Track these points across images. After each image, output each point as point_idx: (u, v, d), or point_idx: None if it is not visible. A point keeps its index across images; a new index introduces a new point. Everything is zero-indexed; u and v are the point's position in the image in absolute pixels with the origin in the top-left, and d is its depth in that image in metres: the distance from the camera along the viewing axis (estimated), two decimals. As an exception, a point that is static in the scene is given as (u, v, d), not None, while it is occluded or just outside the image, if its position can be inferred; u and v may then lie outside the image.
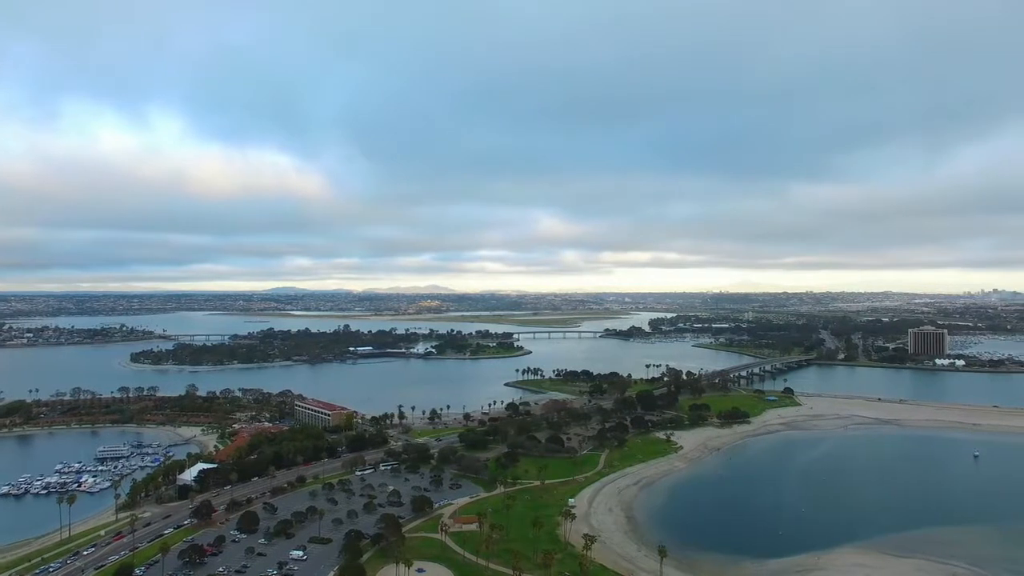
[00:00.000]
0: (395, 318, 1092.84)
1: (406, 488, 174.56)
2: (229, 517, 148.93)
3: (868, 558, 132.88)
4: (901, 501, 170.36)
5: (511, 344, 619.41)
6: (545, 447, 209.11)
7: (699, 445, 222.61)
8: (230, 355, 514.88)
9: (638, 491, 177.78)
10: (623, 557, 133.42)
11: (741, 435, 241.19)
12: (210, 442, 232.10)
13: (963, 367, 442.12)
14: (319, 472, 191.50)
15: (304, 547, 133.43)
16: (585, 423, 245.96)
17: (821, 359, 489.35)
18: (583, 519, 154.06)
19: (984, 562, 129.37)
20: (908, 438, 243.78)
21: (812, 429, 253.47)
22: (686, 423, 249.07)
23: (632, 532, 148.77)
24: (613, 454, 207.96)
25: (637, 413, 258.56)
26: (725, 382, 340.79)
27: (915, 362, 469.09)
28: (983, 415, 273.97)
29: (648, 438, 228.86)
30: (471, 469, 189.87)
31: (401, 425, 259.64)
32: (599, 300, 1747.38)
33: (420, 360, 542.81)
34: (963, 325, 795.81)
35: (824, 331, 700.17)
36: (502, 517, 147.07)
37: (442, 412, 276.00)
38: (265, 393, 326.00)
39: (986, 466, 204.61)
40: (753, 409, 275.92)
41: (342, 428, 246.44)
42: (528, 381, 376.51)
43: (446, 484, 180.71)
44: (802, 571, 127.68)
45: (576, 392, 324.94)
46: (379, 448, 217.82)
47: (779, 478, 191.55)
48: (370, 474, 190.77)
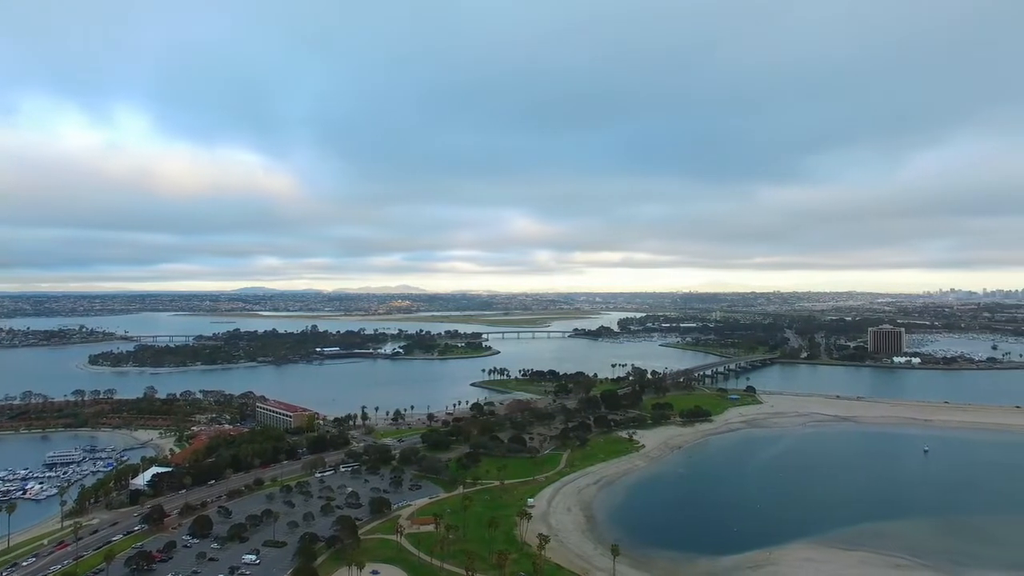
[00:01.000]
0: (365, 318, 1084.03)
1: (365, 489, 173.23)
2: (182, 522, 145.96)
3: (818, 552, 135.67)
4: (853, 496, 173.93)
5: (480, 344, 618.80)
6: (507, 447, 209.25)
7: (661, 444, 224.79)
8: (193, 356, 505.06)
9: (598, 490, 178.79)
10: (579, 556, 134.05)
11: (703, 433, 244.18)
12: (167, 445, 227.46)
13: (919, 364, 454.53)
14: (278, 474, 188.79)
15: (257, 551, 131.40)
16: (549, 423, 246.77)
17: (785, 358, 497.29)
18: (542, 519, 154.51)
19: (925, 553, 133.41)
20: (863, 434, 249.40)
21: (772, 427, 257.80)
22: (649, 422, 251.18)
23: (590, 531, 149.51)
24: (575, 453, 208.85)
25: (601, 412, 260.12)
26: (689, 381, 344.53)
27: (874, 360, 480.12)
28: (934, 411, 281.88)
29: (610, 437, 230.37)
30: (432, 470, 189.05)
31: (364, 426, 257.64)
32: (570, 300, 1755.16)
33: (387, 360, 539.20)
34: (921, 324, 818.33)
35: (789, 330, 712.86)
36: (460, 518, 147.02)
37: (406, 413, 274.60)
38: (227, 395, 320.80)
39: (935, 460, 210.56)
40: (715, 408, 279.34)
41: (304, 430, 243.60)
42: (494, 381, 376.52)
43: (406, 485, 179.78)
44: (754, 567, 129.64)
45: (542, 392, 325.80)
46: (340, 449, 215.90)
47: (737, 475, 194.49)
48: (330, 476, 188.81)
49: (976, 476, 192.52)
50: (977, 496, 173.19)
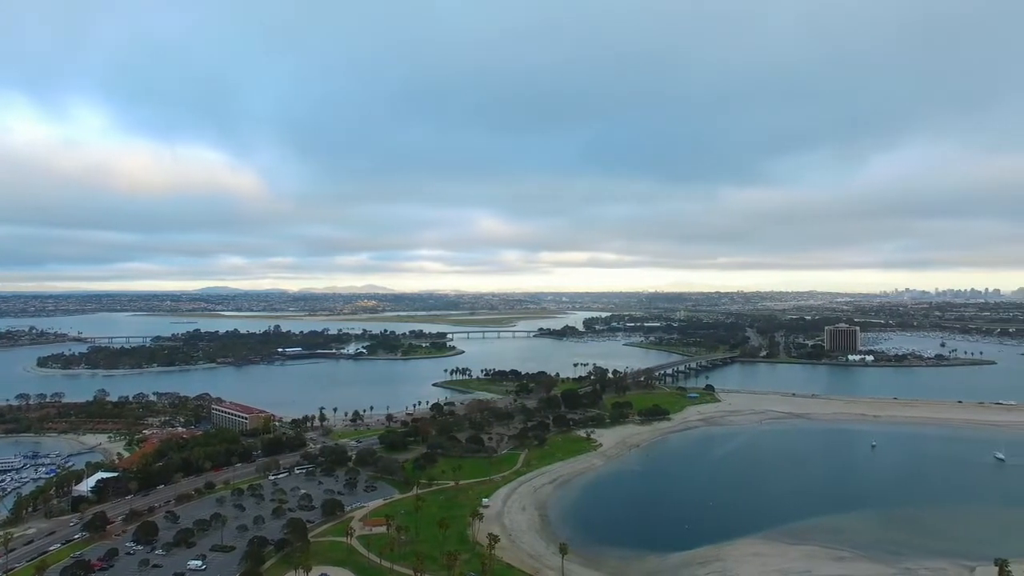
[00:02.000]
0: (329, 318, 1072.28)
1: (319, 491, 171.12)
2: (126, 529, 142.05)
3: (765, 547, 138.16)
4: (802, 491, 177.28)
5: (444, 344, 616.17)
6: (465, 447, 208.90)
7: (618, 442, 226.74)
8: (150, 358, 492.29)
9: (554, 489, 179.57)
10: (531, 555, 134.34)
11: (661, 432, 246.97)
12: (116, 450, 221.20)
13: (872, 362, 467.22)
14: (231, 477, 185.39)
15: (204, 556, 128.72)
16: (508, 423, 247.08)
17: (745, 356, 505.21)
18: (496, 518, 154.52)
19: (867, 545, 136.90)
20: (816, 431, 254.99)
21: (728, 424, 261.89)
22: (607, 421, 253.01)
23: (543, 530, 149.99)
24: (532, 453, 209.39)
25: (560, 412, 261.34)
26: (650, 380, 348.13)
27: (830, 358, 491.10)
28: (883, 407, 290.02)
29: (569, 436, 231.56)
30: (387, 471, 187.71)
31: (322, 427, 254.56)
32: (537, 300, 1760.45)
33: (350, 361, 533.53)
34: (877, 322, 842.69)
35: (750, 329, 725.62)
36: (413, 519, 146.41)
37: (365, 413, 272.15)
38: (182, 397, 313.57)
39: (881, 455, 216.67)
40: (674, 406, 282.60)
41: (260, 431, 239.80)
42: (456, 381, 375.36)
43: (361, 486, 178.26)
44: (702, 563, 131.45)
45: (503, 391, 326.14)
46: (297, 451, 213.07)
47: (692, 473, 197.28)
48: (284, 478, 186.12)
49: (918, 469, 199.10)
50: (918, 488, 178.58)
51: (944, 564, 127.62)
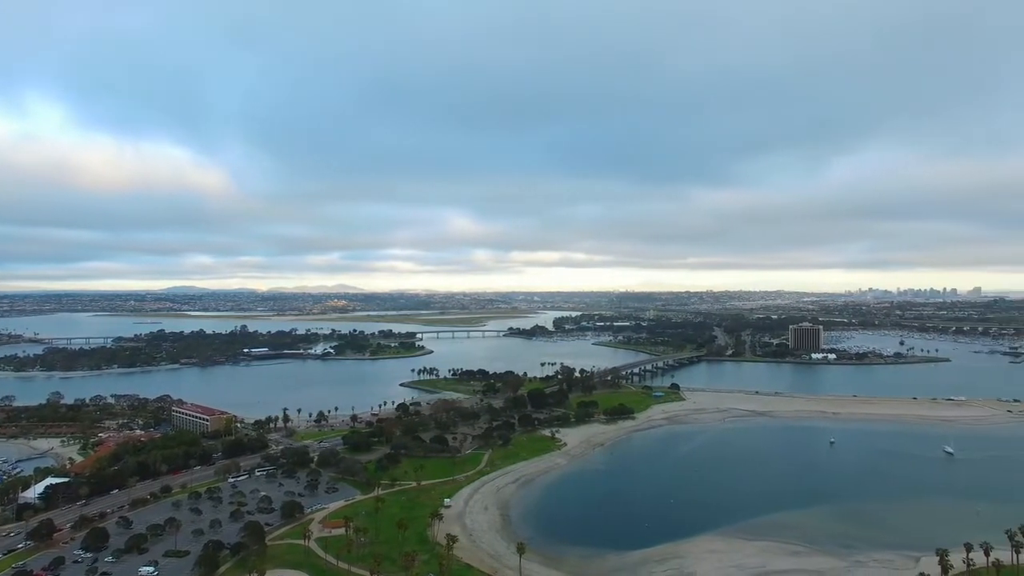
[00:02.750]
0: (299, 318, 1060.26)
1: (279, 493, 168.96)
2: (75, 536, 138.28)
3: (722, 544, 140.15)
4: (761, 488, 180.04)
5: (413, 344, 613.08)
6: (429, 447, 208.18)
7: (583, 442, 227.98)
8: (110, 359, 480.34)
9: (516, 489, 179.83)
10: (491, 555, 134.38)
11: (625, 430, 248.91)
12: (69, 454, 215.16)
13: (834, 360, 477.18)
14: (189, 480, 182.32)
15: (156, 562, 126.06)
16: (474, 422, 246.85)
17: (711, 355, 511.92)
18: (457, 519, 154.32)
19: (820, 540, 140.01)
20: (777, 428, 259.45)
21: (692, 423, 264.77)
22: (572, 420, 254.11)
23: (504, 530, 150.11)
24: (497, 453, 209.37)
25: (526, 411, 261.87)
26: (617, 379, 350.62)
27: (794, 356, 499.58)
28: (843, 404, 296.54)
29: (534, 436, 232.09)
30: (350, 472, 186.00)
31: (285, 428, 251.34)
32: (508, 299, 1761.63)
33: (318, 361, 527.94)
34: (840, 321, 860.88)
35: (718, 329, 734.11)
36: (374, 520, 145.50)
37: (330, 414, 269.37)
38: (141, 399, 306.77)
39: (839, 451, 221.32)
40: (639, 405, 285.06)
41: (221, 433, 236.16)
42: (423, 381, 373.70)
43: (322, 488, 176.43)
44: (661, 560, 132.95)
45: (470, 391, 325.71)
46: (258, 453, 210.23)
47: (654, 471, 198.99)
48: (244, 480, 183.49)
49: (873, 464, 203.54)
50: (872, 483, 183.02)
51: (891, 556, 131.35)
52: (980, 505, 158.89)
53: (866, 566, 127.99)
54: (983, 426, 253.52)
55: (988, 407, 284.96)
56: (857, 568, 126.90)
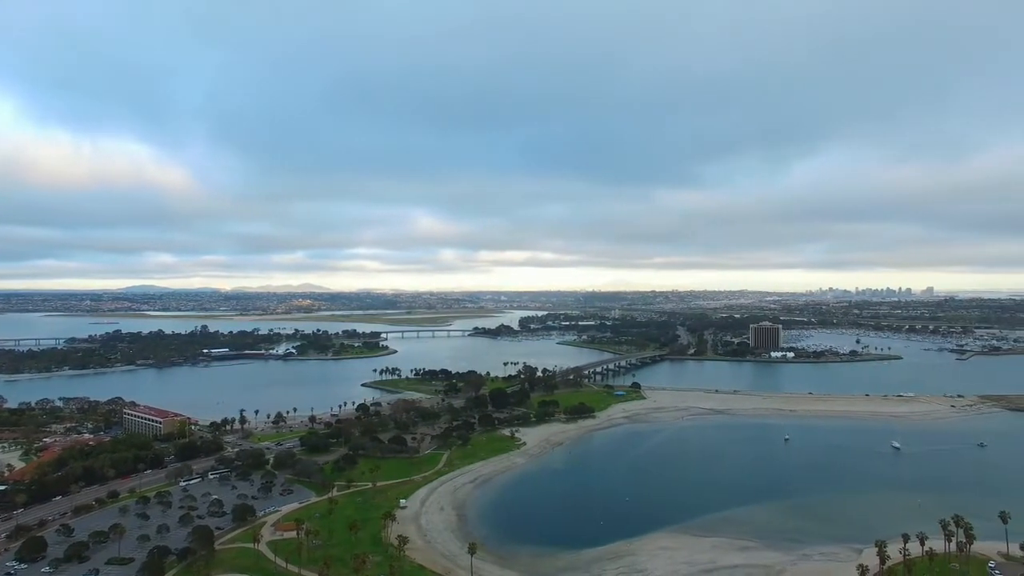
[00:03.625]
0: (262, 318, 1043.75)
1: (231, 496, 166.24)
2: (9, 546, 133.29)
3: (674, 541, 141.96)
4: (716, 485, 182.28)
5: (377, 344, 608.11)
6: (387, 448, 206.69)
7: (542, 441, 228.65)
8: (61, 361, 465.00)
9: (474, 488, 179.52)
10: (444, 556, 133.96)
11: (585, 429, 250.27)
12: (9, 460, 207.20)
13: (792, 359, 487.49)
14: (138, 485, 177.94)
15: (97, 571, 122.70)
16: (434, 422, 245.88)
17: (674, 354, 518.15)
18: (412, 519, 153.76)
19: (770, 535, 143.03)
20: (735, 426, 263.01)
21: (652, 421, 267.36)
22: (533, 420, 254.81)
23: (459, 530, 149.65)
24: (455, 453, 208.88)
25: (487, 411, 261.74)
26: (579, 378, 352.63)
27: (754, 355, 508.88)
28: (799, 402, 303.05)
29: (493, 435, 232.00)
30: (306, 473, 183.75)
31: (242, 430, 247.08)
32: (475, 299, 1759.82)
33: (279, 361, 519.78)
34: (800, 320, 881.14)
35: (681, 328, 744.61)
36: (328, 522, 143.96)
37: (288, 415, 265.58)
38: (92, 401, 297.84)
39: (793, 447, 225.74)
40: (600, 404, 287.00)
41: (174, 436, 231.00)
42: (385, 381, 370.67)
43: (277, 490, 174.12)
44: (613, 558, 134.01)
45: (432, 391, 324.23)
46: (212, 455, 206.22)
47: (612, 470, 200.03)
48: (197, 484, 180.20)
49: (824, 460, 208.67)
50: (823, 478, 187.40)
51: (836, 549, 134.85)
52: (921, 497, 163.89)
53: (811, 559, 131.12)
54: (928, 421, 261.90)
55: (934, 403, 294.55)
56: (803, 561, 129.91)
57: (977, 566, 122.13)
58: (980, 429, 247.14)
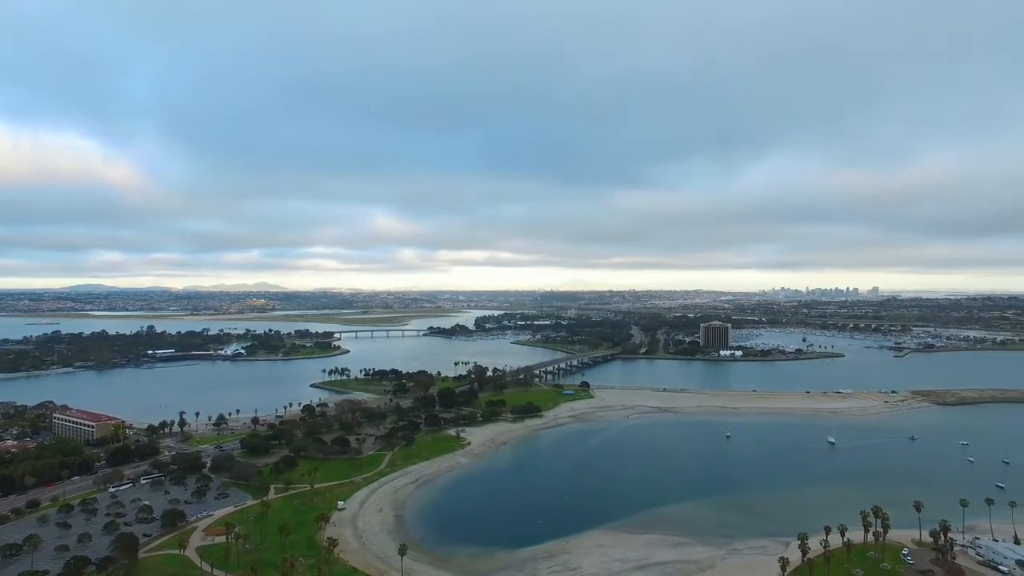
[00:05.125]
0: (214, 318, 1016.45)
1: (162, 502, 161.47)
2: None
3: (610, 538, 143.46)
4: (656, 482, 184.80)
5: (329, 344, 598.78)
6: (329, 449, 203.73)
7: (487, 440, 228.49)
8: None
9: (415, 489, 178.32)
10: (379, 557, 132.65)
11: (532, 428, 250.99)
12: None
13: (740, 357, 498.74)
14: (63, 493, 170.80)
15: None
16: (380, 423, 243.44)
17: (626, 353, 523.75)
18: (350, 521, 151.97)
19: (703, 530, 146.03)
20: (679, 423, 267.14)
21: (598, 420, 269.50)
22: (480, 419, 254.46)
23: (396, 531, 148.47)
24: (399, 453, 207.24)
25: (434, 411, 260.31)
26: (530, 378, 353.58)
27: (704, 354, 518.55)
28: (743, 399, 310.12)
29: (439, 435, 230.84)
30: (243, 476, 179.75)
31: (181, 433, 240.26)
32: (433, 298, 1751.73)
33: (228, 362, 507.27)
34: (751, 319, 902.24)
35: (635, 327, 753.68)
36: (261, 525, 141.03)
37: (231, 417, 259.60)
38: (19, 406, 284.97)
39: (734, 444, 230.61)
40: (548, 403, 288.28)
41: (108, 440, 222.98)
42: (334, 382, 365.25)
43: (212, 494, 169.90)
44: (548, 556, 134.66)
45: (381, 391, 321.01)
46: (147, 460, 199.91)
47: (554, 469, 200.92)
48: (127, 489, 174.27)
49: (763, 455, 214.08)
50: (760, 474, 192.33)
51: (766, 542, 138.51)
52: (850, 490, 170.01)
53: (741, 553, 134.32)
54: (863, 416, 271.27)
55: (870, 399, 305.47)
56: (732, 556, 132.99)
57: (892, 554, 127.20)
58: (910, 423, 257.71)
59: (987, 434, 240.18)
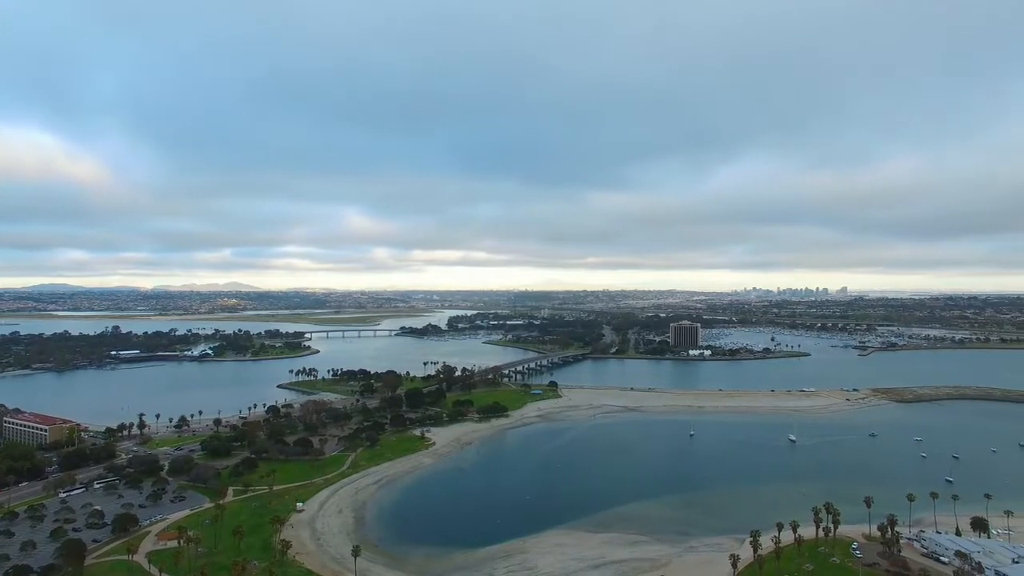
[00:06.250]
0: (183, 318, 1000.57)
1: (115, 506, 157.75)
2: None
3: (569, 537, 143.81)
4: (618, 481, 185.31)
5: (299, 344, 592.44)
6: (292, 450, 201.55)
7: (453, 440, 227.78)
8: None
9: (377, 490, 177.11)
10: (334, 559, 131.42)
11: (497, 428, 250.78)
12: None
13: (709, 356, 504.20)
14: (8, 499, 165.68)
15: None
16: (345, 423, 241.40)
17: (597, 353, 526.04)
18: (308, 523, 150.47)
19: (660, 528, 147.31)
20: (644, 422, 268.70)
21: (564, 420, 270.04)
22: (446, 419, 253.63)
23: (355, 532, 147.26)
24: (363, 454, 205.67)
25: (400, 411, 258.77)
26: (498, 377, 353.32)
27: (674, 353, 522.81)
28: (709, 398, 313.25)
29: (404, 436, 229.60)
30: (201, 479, 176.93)
31: (140, 435, 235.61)
32: (407, 298, 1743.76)
33: (194, 363, 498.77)
34: (722, 319, 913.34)
35: (608, 327, 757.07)
36: (217, 529, 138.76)
37: (193, 418, 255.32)
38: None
39: (697, 443, 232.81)
40: (515, 403, 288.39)
41: (63, 444, 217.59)
42: (302, 382, 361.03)
43: (168, 497, 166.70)
44: (506, 556, 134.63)
45: (349, 392, 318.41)
46: (103, 463, 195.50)
47: (518, 468, 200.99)
48: (79, 494, 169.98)
49: (725, 454, 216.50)
50: (721, 472, 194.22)
51: (721, 539, 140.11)
52: (808, 486, 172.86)
53: (697, 551, 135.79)
54: (824, 414, 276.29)
55: (832, 397, 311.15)
56: (688, 553, 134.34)
57: (843, 548, 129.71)
58: (870, 420, 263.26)
59: (940, 430, 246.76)
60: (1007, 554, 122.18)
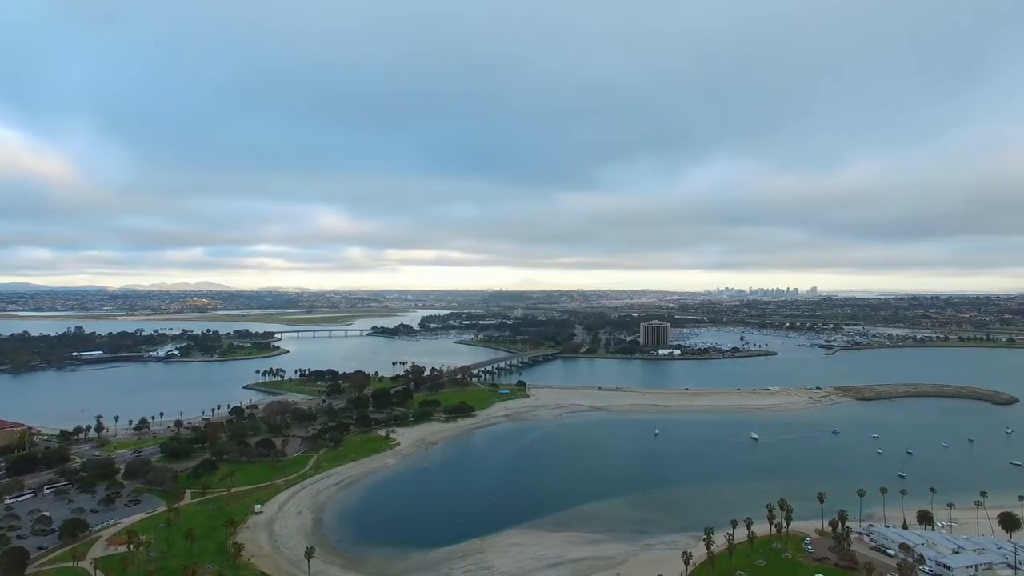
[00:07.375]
0: (151, 318, 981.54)
1: (65, 511, 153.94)
2: None
3: (527, 537, 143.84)
4: (579, 480, 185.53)
5: (268, 344, 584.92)
6: (253, 451, 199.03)
7: (417, 441, 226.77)
8: None
9: (338, 491, 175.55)
10: (290, 561, 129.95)
11: (464, 428, 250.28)
12: None
13: (678, 356, 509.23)
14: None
15: None
16: (310, 424, 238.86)
17: (567, 352, 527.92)
18: (266, 525, 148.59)
19: (619, 527, 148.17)
20: (610, 422, 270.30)
21: (531, 419, 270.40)
22: (411, 419, 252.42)
23: (313, 534, 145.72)
24: (326, 455, 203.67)
25: (366, 411, 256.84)
26: (467, 377, 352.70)
27: (644, 353, 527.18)
28: (675, 397, 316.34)
29: (368, 436, 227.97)
30: (158, 481, 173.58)
31: (98, 438, 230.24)
32: (381, 298, 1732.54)
33: (160, 364, 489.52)
34: (693, 319, 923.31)
35: (580, 326, 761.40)
36: (171, 532, 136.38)
37: (154, 420, 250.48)
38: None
39: (662, 441, 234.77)
40: (482, 403, 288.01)
41: (12, 448, 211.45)
42: (269, 383, 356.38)
43: (122, 501, 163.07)
44: (463, 556, 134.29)
45: (316, 392, 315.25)
46: (55, 468, 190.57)
47: (481, 468, 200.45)
48: (26, 500, 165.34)
49: (688, 452, 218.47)
50: (684, 470, 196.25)
51: (679, 537, 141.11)
52: (767, 483, 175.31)
53: (654, 548, 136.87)
54: (787, 412, 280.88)
55: (795, 395, 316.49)
56: (645, 551, 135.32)
57: (795, 543, 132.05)
58: (831, 418, 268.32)
59: (896, 427, 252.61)
60: (948, 545, 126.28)
